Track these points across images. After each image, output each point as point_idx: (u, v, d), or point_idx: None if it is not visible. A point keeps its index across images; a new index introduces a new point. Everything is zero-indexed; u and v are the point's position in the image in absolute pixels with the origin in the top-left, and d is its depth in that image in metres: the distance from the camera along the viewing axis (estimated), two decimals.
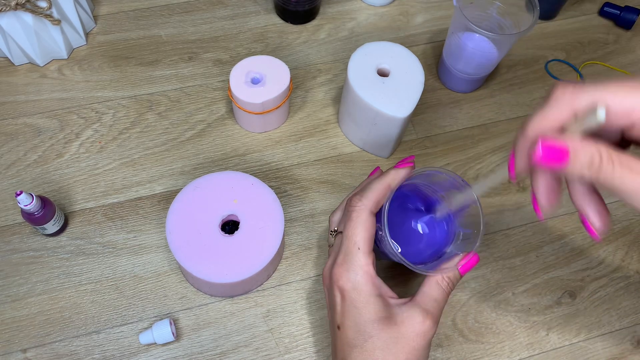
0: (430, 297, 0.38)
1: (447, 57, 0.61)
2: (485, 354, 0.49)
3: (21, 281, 0.50)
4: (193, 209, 0.48)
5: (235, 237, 0.47)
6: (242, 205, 0.48)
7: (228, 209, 0.48)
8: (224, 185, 0.49)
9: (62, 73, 0.61)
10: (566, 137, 0.29)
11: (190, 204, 0.48)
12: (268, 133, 0.59)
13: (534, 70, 0.66)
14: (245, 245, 0.46)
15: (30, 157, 0.56)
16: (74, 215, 0.53)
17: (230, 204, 0.48)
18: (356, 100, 0.52)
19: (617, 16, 0.69)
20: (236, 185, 0.49)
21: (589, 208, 0.32)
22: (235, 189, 0.48)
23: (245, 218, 0.47)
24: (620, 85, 0.29)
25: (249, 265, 0.46)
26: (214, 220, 0.47)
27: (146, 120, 0.59)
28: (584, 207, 0.33)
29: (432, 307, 0.38)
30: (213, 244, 0.46)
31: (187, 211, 0.47)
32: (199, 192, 0.48)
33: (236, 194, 0.48)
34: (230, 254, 0.46)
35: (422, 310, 0.38)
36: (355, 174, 0.57)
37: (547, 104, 0.31)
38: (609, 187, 0.28)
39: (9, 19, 0.56)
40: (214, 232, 0.47)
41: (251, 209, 0.48)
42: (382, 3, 0.69)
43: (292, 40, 0.66)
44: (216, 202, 0.48)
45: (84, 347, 0.48)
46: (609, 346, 0.50)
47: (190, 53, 0.64)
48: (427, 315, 0.37)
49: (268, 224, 0.47)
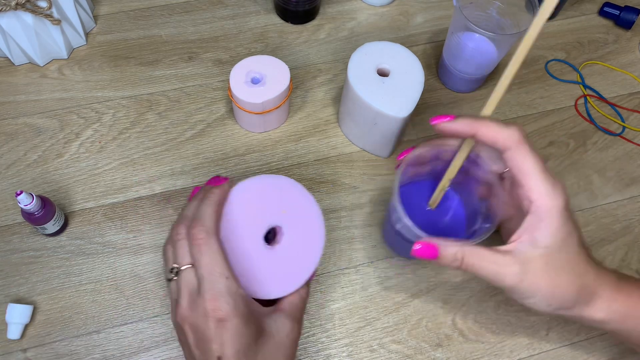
0: (293, 305, 0.41)
1: (447, 57, 0.61)
2: (485, 354, 0.49)
3: (21, 281, 0.50)
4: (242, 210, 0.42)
5: (275, 250, 0.42)
6: (289, 217, 0.43)
7: (275, 218, 0.42)
8: (273, 191, 0.43)
9: (62, 73, 0.61)
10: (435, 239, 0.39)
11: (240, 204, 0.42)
12: (268, 133, 0.59)
13: (534, 70, 0.66)
14: (282, 262, 0.42)
15: (30, 157, 0.56)
16: (74, 215, 0.53)
17: (278, 213, 0.42)
18: (356, 100, 0.52)
19: (616, 16, 0.69)
20: (285, 192, 0.43)
21: None
22: (285, 198, 0.43)
23: (289, 230, 0.42)
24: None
25: (282, 285, 0.42)
26: (261, 228, 0.42)
27: (146, 120, 0.59)
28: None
29: (297, 314, 0.41)
30: (254, 254, 0.41)
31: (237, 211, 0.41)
32: (252, 193, 0.42)
33: (285, 204, 0.43)
34: (268, 268, 0.41)
35: (290, 318, 0.41)
36: (355, 174, 0.57)
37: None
38: (471, 273, 0.39)
39: (9, 19, 0.56)
40: (257, 241, 0.41)
41: (296, 222, 0.43)
42: (382, 3, 0.69)
43: (292, 40, 0.66)
44: (265, 208, 0.42)
45: (84, 347, 0.48)
46: (609, 346, 0.50)
47: (190, 53, 0.64)
48: (295, 322, 0.41)
49: (309, 242, 0.43)
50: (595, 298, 0.39)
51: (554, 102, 0.64)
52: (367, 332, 0.50)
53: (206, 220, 0.39)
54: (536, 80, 0.65)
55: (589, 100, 0.64)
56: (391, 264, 0.53)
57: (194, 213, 0.40)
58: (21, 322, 0.47)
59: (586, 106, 0.64)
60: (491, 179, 0.43)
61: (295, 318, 0.41)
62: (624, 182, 0.59)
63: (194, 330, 0.38)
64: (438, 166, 0.45)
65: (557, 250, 0.38)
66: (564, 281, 0.38)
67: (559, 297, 0.39)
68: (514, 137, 0.37)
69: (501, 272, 0.38)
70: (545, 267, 0.38)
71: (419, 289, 0.52)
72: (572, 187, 0.58)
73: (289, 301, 0.41)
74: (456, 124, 0.39)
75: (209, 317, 0.37)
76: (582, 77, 0.66)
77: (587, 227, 0.56)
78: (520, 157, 0.37)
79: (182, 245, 0.39)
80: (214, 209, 0.39)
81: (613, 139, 0.62)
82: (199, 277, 0.38)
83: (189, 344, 0.39)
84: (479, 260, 0.38)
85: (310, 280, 0.43)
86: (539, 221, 0.37)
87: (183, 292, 0.38)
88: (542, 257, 0.38)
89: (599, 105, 0.64)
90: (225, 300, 0.37)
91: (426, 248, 0.39)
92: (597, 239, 0.55)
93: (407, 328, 0.50)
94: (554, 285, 0.38)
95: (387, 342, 0.49)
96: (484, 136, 0.38)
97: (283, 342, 0.40)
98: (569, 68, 0.66)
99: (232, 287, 0.38)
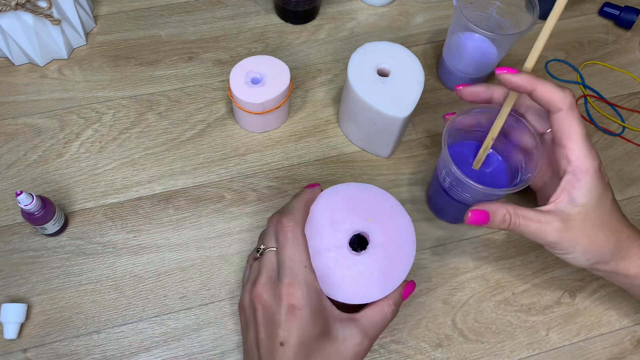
0: (372, 321, 0.41)
1: (447, 57, 0.61)
2: (485, 354, 0.49)
3: (21, 281, 0.50)
4: (329, 213, 0.44)
5: (360, 257, 0.43)
6: (377, 225, 0.43)
7: (361, 225, 0.43)
8: (363, 198, 0.45)
9: (62, 73, 0.61)
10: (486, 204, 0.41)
11: (328, 207, 0.44)
12: (268, 133, 0.59)
13: (534, 70, 0.65)
14: (367, 270, 0.42)
15: (30, 157, 0.56)
16: (74, 215, 0.53)
17: (364, 220, 0.44)
18: (356, 100, 0.52)
19: (616, 16, 0.69)
20: (375, 202, 0.44)
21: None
22: (373, 206, 0.44)
23: (375, 240, 0.43)
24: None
25: (361, 292, 0.42)
26: (346, 232, 0.43)
27: (146, 120, 0.59)
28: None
29: (372, 331, 0.41)
30: (338, 258, 0.42)
31: (324, 213, 0.44)
32: (340, 198, 0.44)
33: (373, 213, 0.44)
34: (352, 273, 0.42)
35: (362, 332, 0.40)
36: (355, 174, 0.57)
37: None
38: (517, 232, 0.41)
39: (9, 19, 0.56)
40: (342, 245, 0.43)
41: (385, 231, 0.43)
42: (382, 3, 0.69)
43: (292, 40, 0.66)
44: (352, 214, 0.44)
45: (84, 347, 0.48)
46: (609, 346, 0.50)
47: (190, 53, 0.64)
48: (366, 338, 0.40)
49: (397, 254, 0.43)
50: (630, 254, 0.42)
51: None
52: None
53: (295, 211, 0.42)
54: None
55: (589, 100, 0.64)
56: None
57: (285, 208, 0.43)
58: (16, 321, 0.47)
59: (586, 106, 0.64)
60: (531, 140, 0.45)
61: (368, 334, 0.41)
62: (624, 182, 0.59)
63: (265, 311, 0.40)
64: (478, 130, 0.48)
65: (592, 208, 0.41)
66: (601, 237, 0.41)
67: (597, 251, 0.41)
68: (567, 100, 0.40)
69: (543, 229, 0.41)
70: (583, 224, 0.41)
71: (419, 289, 0.52)
72: None
73: (368, 315, 0.41)
74: (519, 77, 0.41)
75: (282, 301, 0.39)
76: (582, 77, 0.66)
77: None
78: (569, 121, 0.40)
79: (271, 231, 0.43)
80: (303, 204, 0.43)
81: (613, 139, 0.62)
82: (280, 261, 0.41)
83: (256, 323, 0.40)
84: (524, 220, 0.41)
85: (399, 301, 0.42)
86: (577, 180, 0.41)
87: (263, 271, 0.41)
88: (580, 214, 0.40)
89: (599, 106, 0.64)
90: (300, 287, 0.39)
91: (478, 214, 0.41)
92: None
93: (407, 328, 0.50)
94: (592, 240, 0.41)
95: (387, 342, 0.49)
96: (540, 93, 0.41)
97: (346, 354, 0.39)
98: (569, 68, 0.66)
99: (309, 278, 0.40)
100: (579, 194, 0.40)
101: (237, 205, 0.55)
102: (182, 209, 0.54)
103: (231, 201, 0.55)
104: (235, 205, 0.55)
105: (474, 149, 0.49)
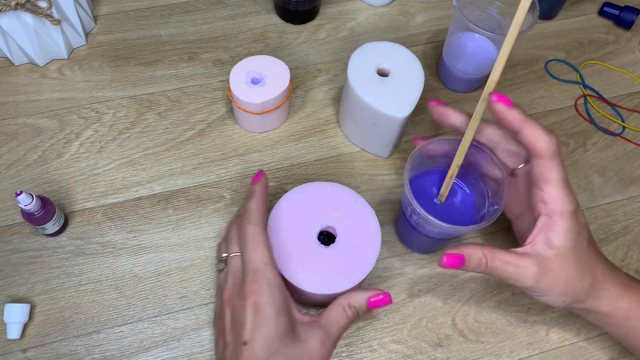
0: (333, 321, 0.42)
1: (447, 57, 0.61)
2: (485, 354, 0.49)
3: (21, 281, 0.50)
4: (295, 212, 0.47)
5: (330, 249, 0.45)
6: (342, 220, 0.47)
7: (328, 220, 0.47)
8: (327, 196, 0.48)
9: (62, 73, 0.61)
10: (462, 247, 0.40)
11: (293, 207, 0.47)
12: (268, 133, 0.59)
13: (533, 70, 0.66)
14: (338, 260, 0.45)
15: (30, 157, 0.56)
16: (74, 215, 0.53)
17: (331, 216, 0.47)
18: (356, 100, 0.52)
19: (616, 16, 0.69)
20: (340, 198, 0.48)
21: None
22: (338, 202, 0.47)
23: (342, 233, 0.46)
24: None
25: (339, 281, 0.44)
26: (313, 228, 0.46)
27: (146, 120, 0.59)
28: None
29: (334, 331, 0.41)
30: (308, 251, 0.45)
31: (289, 213, 0.47)
32: (304, 197, 0.47)
33: (338, 208, 0.47)
34: (324, 265, 0.45)
35: (325, 332, 0.41)
36: (355, 173, 0.57)
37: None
38: (494, 276, 0.41)
39: (9, 19, 0.56)
40: (310, 240, 0.46)
41: (350, 225, 0.47)
42: (382, 3, 0.69)
43: (292, 40, 0.66)
44: (318, 211, 0.47)
45: (84, 347, 0.48)
46: (609, 346, 0.50)
47: (190, 53, 0.64)
48: (328, 338, 0.41)
49: (365, 243, 0.46)
50: (603, 292, 0.42)
51: (554, 102, 0.64)
52: (367, 332, 0.50)
53: (252, 213, 0.44)
54: (536, 80, 0.65)
55: (589, 100, 0.64)
56: (390, 264, 0.53)
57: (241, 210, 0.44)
58: (20, 321, 0.47)
59: (586, 106, 0.64)
60: (496, 171, 0.45)
61: (330, 333, 0.41)
62: (624, 182, 0.59)
63: (232, 313, 0.40)
64: (443, 160, 0.47)
65: (569, 249, 0.40)
66: (577, 277, 0.41)
67: (573, 292, 0.41)
68: (551, 148, 0.40)
69: (521, 273, 0.40)
70: (560, 266, 0.40)
71: (419, 289, 0.52)
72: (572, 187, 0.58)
73: (329, 315, 0.42)
74: (511, 113, 0.41)
75: (246, 300, 0.39)
76: (582, 77, 0.66)
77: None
78: (549, 168, 0.40)
79: (232, 238, 0.45)
80: (258, 203, 0.45)
81: (613, 139, 0.62)
82: (244, 263, 0.42)
83: (224, 329, 0.41)
84: (501, 263, 0.40)
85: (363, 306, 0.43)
86: (553, 223, 0.40)
87: (229, 277, 0.42)
88: (557, 257, 0.40)
89: (599, 105, 0.64)
90: (262, 284, 0.40)
91: (453, 258, 0.40)
92: (597, 239, 0.55)
93: (407, 328, 0.50)
94: (568, 283, 0.41)
95: (387, 342, 0.49)
96: (526, 137, 0.40)
97: (308, 354, 0.39)
98: (569, 68, 0.66)
99: (271, 275, 0.41)
100: (555, 235, 0.40)
101: (237, 205, 0.55)
102: (182, 209, 0.54)
103: (231, 201, 0.55)
104: (235, 205, 0.55)
105: (440, 177, 0.49)
